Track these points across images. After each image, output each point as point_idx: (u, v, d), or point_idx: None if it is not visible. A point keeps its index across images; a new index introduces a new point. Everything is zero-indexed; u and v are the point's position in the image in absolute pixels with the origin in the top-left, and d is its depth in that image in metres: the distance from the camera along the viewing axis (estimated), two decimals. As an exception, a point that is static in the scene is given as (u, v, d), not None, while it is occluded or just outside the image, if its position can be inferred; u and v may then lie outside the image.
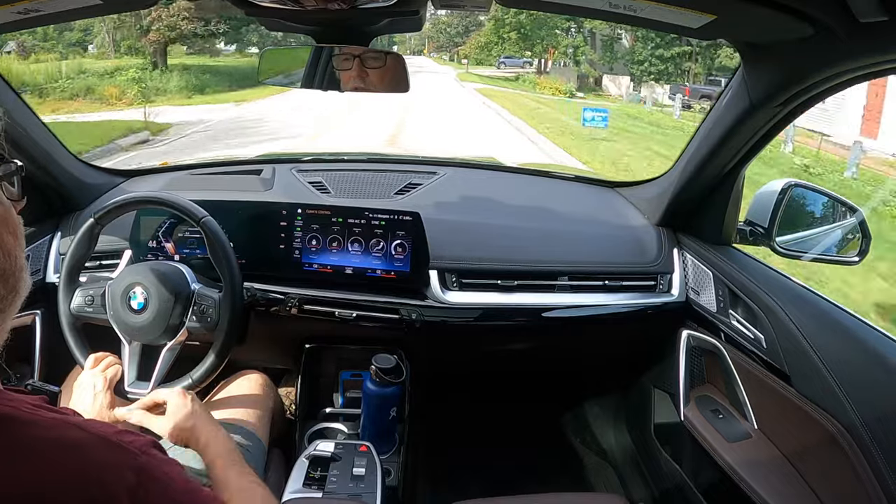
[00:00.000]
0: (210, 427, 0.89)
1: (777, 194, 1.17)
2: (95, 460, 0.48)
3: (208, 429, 0.88)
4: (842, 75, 0.85)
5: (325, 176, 1.49)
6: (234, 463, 0.83)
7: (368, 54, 1.04)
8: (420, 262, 1.24)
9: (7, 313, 0.52)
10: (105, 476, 0.47)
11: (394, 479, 1.19)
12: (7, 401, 0.49)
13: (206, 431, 0.87)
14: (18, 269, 0.53)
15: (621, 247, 1.37)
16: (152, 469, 0.50)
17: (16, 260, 0.53)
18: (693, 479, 1.26)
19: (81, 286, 1.08)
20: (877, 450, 0.82)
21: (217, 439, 0.86)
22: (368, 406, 1.22)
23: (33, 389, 0.63)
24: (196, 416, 0.90)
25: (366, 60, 1.04)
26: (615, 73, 24.18)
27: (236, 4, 0.94)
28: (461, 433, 1.66)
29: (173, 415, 0.89)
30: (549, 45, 24.98)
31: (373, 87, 1.06)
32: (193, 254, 1.24)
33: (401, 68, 1.04)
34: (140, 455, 0.50)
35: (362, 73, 1.04)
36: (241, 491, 0.77)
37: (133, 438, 0.52)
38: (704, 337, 1.27)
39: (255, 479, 0.82)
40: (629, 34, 23.58)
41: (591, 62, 24.82)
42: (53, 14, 0.91)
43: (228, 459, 0.83)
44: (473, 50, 29.97)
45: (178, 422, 0.88)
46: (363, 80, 1.04)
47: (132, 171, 1.61)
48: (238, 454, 0.86)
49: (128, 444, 0.50)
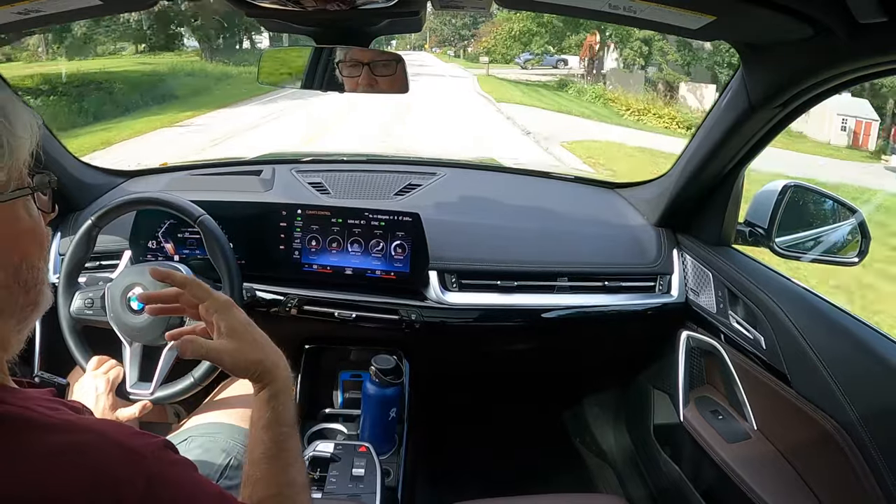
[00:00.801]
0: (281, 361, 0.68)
1: (776, 195, 1.17)
2: (106, 467, 0.47)
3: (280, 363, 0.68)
4: (842, 76, 0.85)
5: (324, 176, 1.49)
6: (292, 436, 0.66)
7: (378, 61, 1.03)
8: (420, 262, 1.24)
9: (25, 324, 0.53)
10: (116, 481, 0.47)
11: (393, 479, 1.19)
12: (19, 400, 0.49)
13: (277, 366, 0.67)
14: (41, 282, 0.53)
15: (621, 247, 1.37)
16: (163, 473, 0.49)
17: (39, 272, 0.53)
18: (692, 479, 1.26)
19: (81, 288, 1.08)
20: (875, 450, 0.82)
21: (288, 387, 0.67)
22: (368, 407, 1.22)
23: (42, 381, 0.63)
24: (258, 332, 0.69)
25: (375, 67, 1.02)
26: (694, 80, 16.34)
27: (236, 5, 0.94)
28: (461, 433, 1.67)
29: (235, 333, 0.66)
30: (608, 39, 17.45)
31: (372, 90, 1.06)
32: (193, 254, 1.24)
33: (402, 70, 1.04)
34: (151, 458, 0.49)
35: (371, 81, 1.03)
36: (289, 486, 0.62)
37: (145, 441, 0.51)
38: (704, 338, 1.27)
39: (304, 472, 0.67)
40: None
41: (670, 63, 16.96)
42: (54, 14, 0.91)
43: (295, 424, 0.67)
44: (501, 42, 21.29)
45: (243, 345, 0.66)
46: (372, 87, 1.04)
47: (132, 171, 1.61)
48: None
49: (140, 447, 0.50)
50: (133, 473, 0.47)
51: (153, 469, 0.49)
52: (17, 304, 0.51)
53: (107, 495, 0.46)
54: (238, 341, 0.66)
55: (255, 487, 0.61)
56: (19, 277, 0.51)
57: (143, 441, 0.50)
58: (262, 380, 0.66)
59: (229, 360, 0.65)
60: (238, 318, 0.68)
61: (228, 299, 0.69)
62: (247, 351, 0.66)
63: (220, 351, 0.65)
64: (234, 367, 0.66)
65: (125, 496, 0.46)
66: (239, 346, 0.66)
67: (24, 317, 0.52)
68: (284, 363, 0.68)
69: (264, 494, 0.60)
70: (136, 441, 0.50)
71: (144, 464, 0.48)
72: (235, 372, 0.67)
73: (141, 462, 0.48)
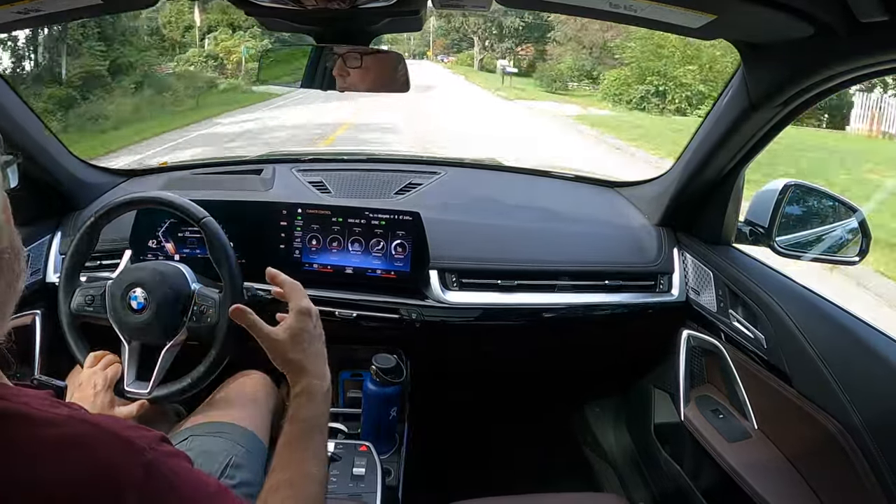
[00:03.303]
0: (321, 370, 0.78)
1: (777, 194, 1.17)
2: (104, 457, 0.48)
3: (319, 371, 0.77)
4: (842, 75, 0.85)
5: (325, 176, 1.49)
6: (322, 430, 0.74)
7: (378, 60, 1.04)
8: (420, 261, 1.24)
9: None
10: (113, 473, 0.47)
11: (394, 478, 1.19)
12: (16, 397, 0.49)
13: (315, 372, 0.76)
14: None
15: (621, 246, 1.37)
16: (160, 465, 0.50)
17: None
18: (693, 479, 1.26)
19: (81, 286, 1.08)
20: (877, 450, 0.82)
21: (323, 392, 0.76)
22: (368, 406, 1.22)
23: (39, 384, 0.63)
24: (316, 344, 0.79)
25: (375, 67, 1.04)
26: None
27: (236, 5, 0.95)
28: (461, 433, 1.66)
29: (292, 331, 0.77)
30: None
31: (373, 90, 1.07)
32: (193, 253, 1.24)
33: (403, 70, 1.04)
34: (149, 449, 0.50)
35: (371, 81, 1.04)
36: (303, 476, 0.69)
37: (141, 433, 0.51)
38: (704, 337, 1.27)
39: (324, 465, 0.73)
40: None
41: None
42: (53, 14, 0.91)
43: (318, 425, 0.74)
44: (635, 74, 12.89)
45: (293, 337, 0.77)
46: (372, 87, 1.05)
47: (133, 170, 1.62)
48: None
49: (137, 439, 0.50)
50: (131, 464, 0.48)
51: (151, 459, 0.49)
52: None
53: (105, 485, 0.46)
54: (288, 339, 0.76)
55: (273, 473, 0.69)
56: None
57: (140, 433, 0.51)
58: (292, 378, 0.76)
59: (270, 347, 0.76)
60: (304, 324, 0.78)
61: (308, 307, 0.81)
62: (289, 349, 0.76)
63: (268, 334, 0.76)
64: (273, 354, 0.76)
65: (124, 485, 0.47)
66: (285, 342, 0.76)
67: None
68: (321, 374, 0.77)
69: (279, 478, 0.67)
70: (134, 433, 0.50)
71: (142, 454, 0.49)
72: (273, 358, 0.77)
73: (139, 453, 0.49)
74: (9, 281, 0.51)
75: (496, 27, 20.38)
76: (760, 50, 0.94)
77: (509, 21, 19.29)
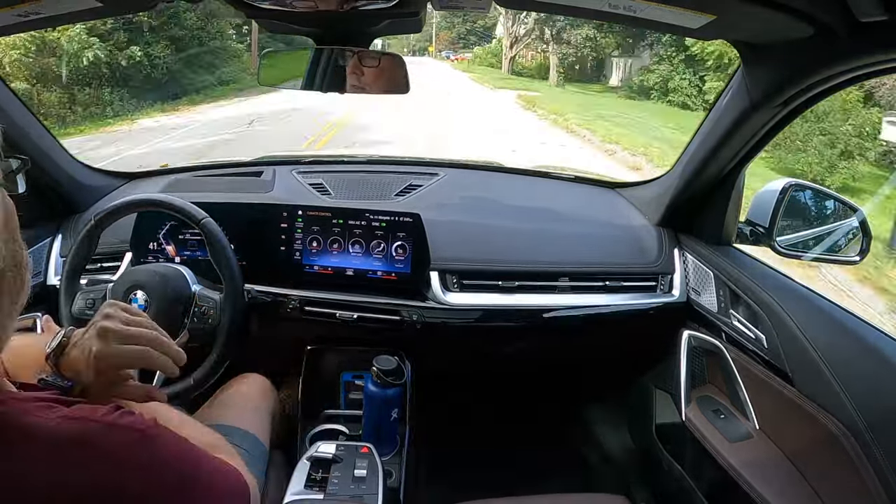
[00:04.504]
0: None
1: (777, 194, 1.17)
2: (105, 450, 0.50)
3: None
4: (842, 75, 0.85)
5: (325, 177, 1.49)
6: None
7: (377, 60, 1.04)
8: (421, 263, 1.24)
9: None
10: (117, 463, 0.50)
11: (395, 480, 1.19)
12: (15, 403, 0.50)
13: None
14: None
15: (622, 247, 1.37)
16: (160, 436, 0.54)
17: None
18: (694, 479, 1.26)
19: (82, 289, 1.08)
20: (879, 450, 0.82)
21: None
22: (370, 407, 1.22)
23: (46, 384, 0.64)
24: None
25: (375, 67, 1.04)
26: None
27: (236, 7, 0.95)
28: (463, 434, 1.66)
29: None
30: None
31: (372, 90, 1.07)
32: (194, 255, 1.24)
33: (403, 70, 1.04)
34: (146, 429, 0.53)
35: (371, 81, 1.04)
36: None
37: (134, 419, 0.54)
38: (705, 337, 1.26)
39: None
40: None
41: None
42: (54, 17, 0.91)
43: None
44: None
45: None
46: (372, 87, 1.05)
47: (133, 173, 1.62)
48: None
49: (130, 423, 0.53)
50: (130, 445, 0.51)
51: (150, 433, 0.53)
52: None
53: (111, 479, 0.49)
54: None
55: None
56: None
57: (132, 419, 0.54)
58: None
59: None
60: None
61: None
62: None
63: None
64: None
65: (127, 469, 0.50)
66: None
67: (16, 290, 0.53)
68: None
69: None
70: (127, 419, 0.53)
71: (138, 435, 0.52)
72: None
73: (134, 435, 0.52)
74: (12, 298, 0.52)
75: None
76: (760, 50, 0.94)
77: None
